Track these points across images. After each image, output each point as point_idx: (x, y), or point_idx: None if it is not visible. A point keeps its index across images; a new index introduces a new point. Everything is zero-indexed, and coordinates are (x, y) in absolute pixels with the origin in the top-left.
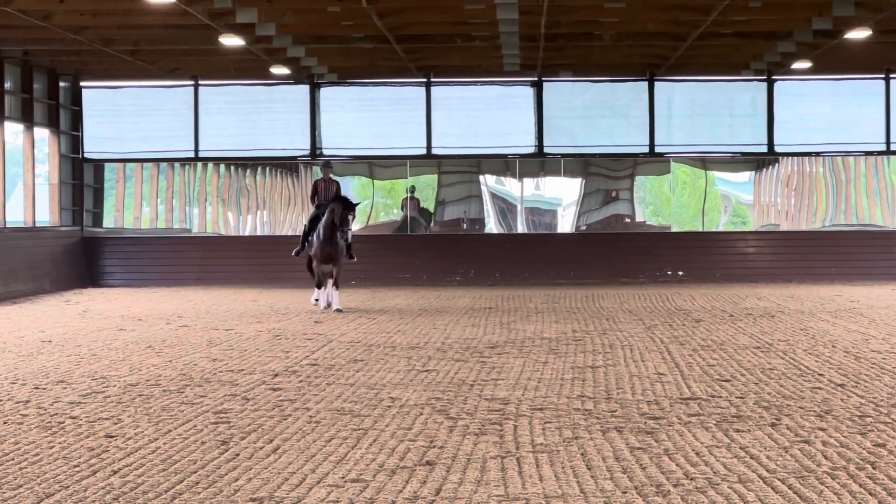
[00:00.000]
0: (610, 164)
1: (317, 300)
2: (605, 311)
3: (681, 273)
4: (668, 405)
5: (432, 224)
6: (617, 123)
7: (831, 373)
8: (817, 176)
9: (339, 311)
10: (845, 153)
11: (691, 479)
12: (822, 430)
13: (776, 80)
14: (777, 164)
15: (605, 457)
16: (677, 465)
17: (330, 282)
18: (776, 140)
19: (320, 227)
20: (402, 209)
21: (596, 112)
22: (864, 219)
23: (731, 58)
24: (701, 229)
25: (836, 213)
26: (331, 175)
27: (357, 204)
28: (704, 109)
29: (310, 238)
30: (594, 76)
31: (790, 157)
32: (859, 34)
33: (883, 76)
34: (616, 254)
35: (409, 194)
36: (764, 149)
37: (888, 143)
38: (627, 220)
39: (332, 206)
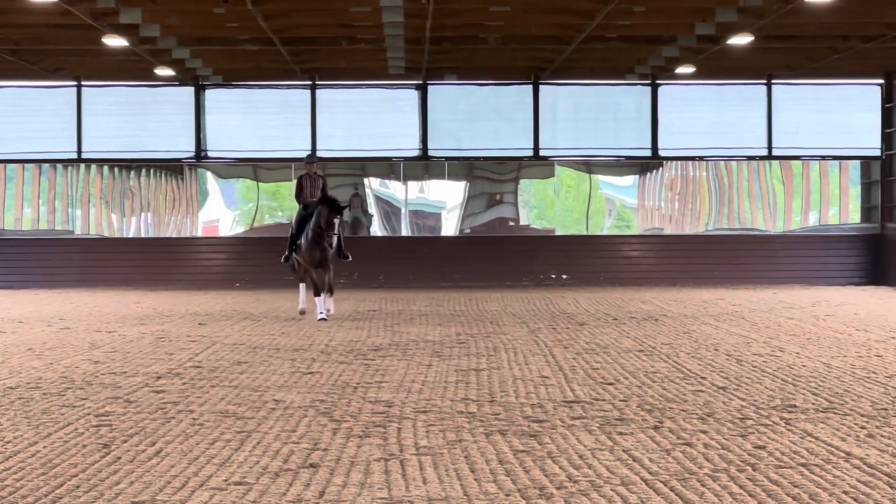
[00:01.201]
0: (494, 167)
1: (321, 312)
2: (489, 314)
3: (565, 276)
4: (551, 408)
5: (372, 226)
6: (501, 127)
7: (713, 376)
8: (700, 180)
9: (323, 318)
10: (728, 158)
11: (574, 481)
12: (704, 432)
13: (660, 84)
14: (661, 169)
15: (488, 459)
16: (560, 467)
17: (314, 295)
18: (660, 144)
19: (308, 230)
20: (350, 210)
21: (480, 115)
22: (746, 223)
23: (615, 62)
24: (585, 233)
25: (719, 217)
26: (316, 170)
27: (345, 207)
28: (589, 113)
29: (298, 242)
30: (479, 79)
31: (674, 162)
32: (742, 40)
33: (765, 82)
34: (500, 257)
35: (354, 192)
36: (648, 153)
37: (770, 148)
38: (512, 223)
39: (319, 209)
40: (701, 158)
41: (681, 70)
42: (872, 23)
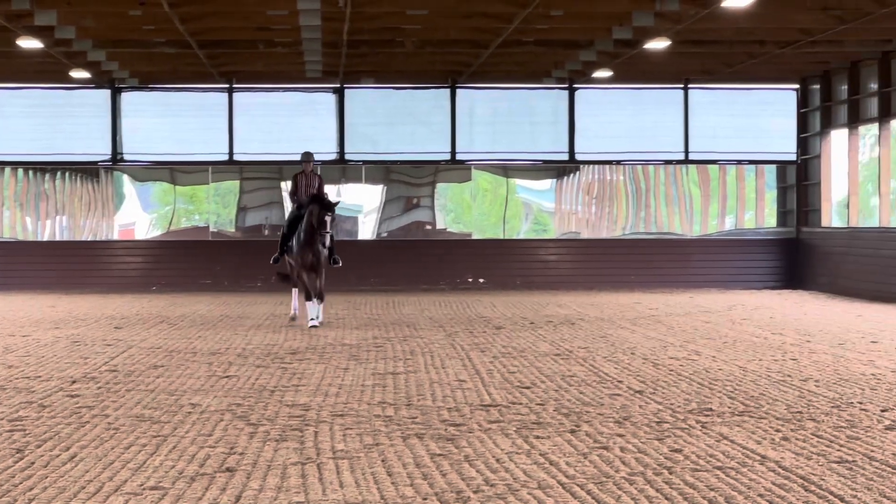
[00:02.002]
0: (411, 171)
1: (313, 318)
2: (405, 317)
3: (482, 280)
4: (468, 412)
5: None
6: (418, 130)
7: (630, 379)
8: (617, 184)
9: (314, 326)
10: (645, 162)
11: (491, 485)
12: (621, 436)
13: (577, 88)
14: (578, 172)
15: (405, 463)
16: (477, 471)
17: (306, 300)
18: (577, 148)
19: (300, 230)
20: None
21: (398, 119)
22: (662, 227)
23: (532, 66)
24: (502, 237)
25: (636, 221)
26: (313, 168)
27: (336, 203)
28: (506, 117)
29: (289, 243)
30: (396, 83)
31: (591, 165)
32: (659, 44)
33: (682, 86)
34: (417, 261)
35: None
36: (565, 157)
37: (686, 152)
38: (428, 227)
39: (310, 208)
40: (618, 162)
41: (598, 74)
42: (788, 28)
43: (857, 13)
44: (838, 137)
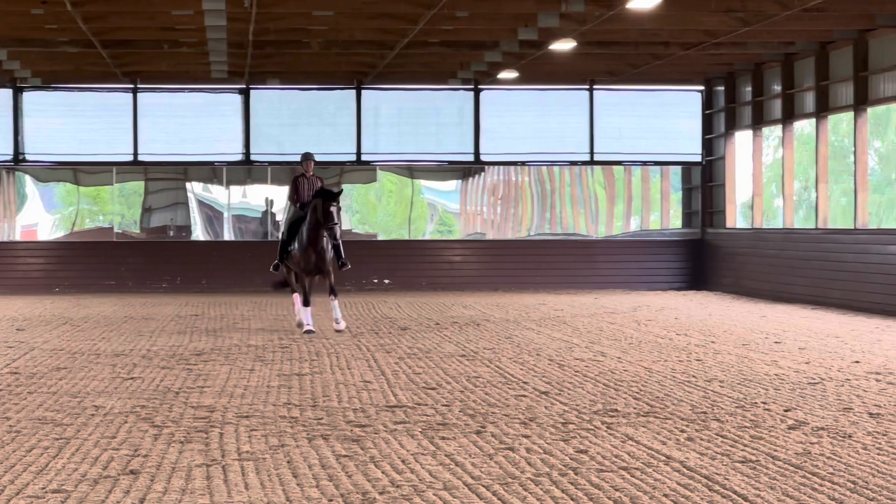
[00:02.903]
0: (317, 171)
1: (309, 325)
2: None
3: (387, 281)
4: (374, 413)
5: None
6: (324, 131)
7: (536, 380)
8: (523, 185)
9: (340, 330)
10: (550, 163)
11: (397, 486)
12: (526, 437)
13: (482, 89)
14: (483, 174)
15: (311, 464)
16: (383, 472)
17: (304, 305)
18: (482, 149)
19: (303, 230)
20: (265, 218)
21: (303, 120)
22: (567, 228)
23: (438, 67)
24: (407, 238)
25: (541, 222)
26: (312, 170)
27: (339, 192)
28: (411, 118)
29: (290, 248)
30: (302, 84)
31: (496, 166)
32: (564, 45)
33: (587, 87)
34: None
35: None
36: (470, 157)
37: (592, 153)
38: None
39: (313, 204)
40: (523, 163)
41: (503, 75)
42: (692, 30)
43: (760, 15)
44: (742, 139)
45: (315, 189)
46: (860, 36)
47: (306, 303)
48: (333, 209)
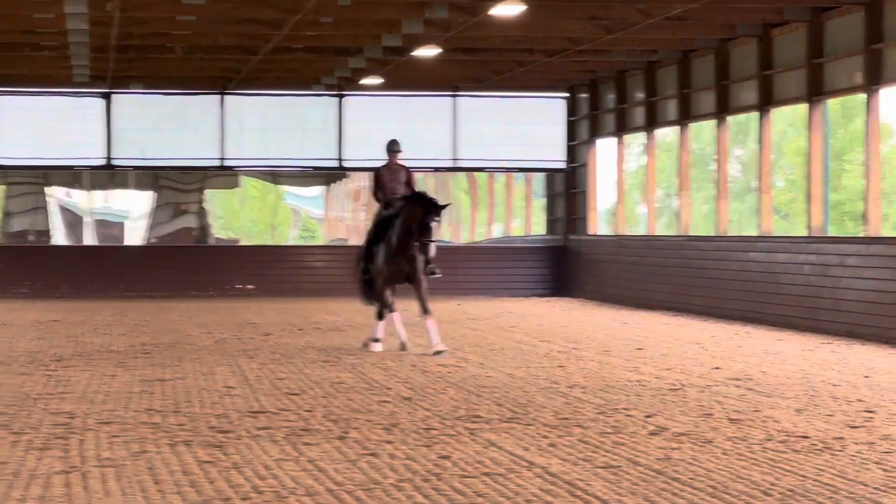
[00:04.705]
0: (180, 177)
1: (376, 340)
2: (174, 324)
3: (250, 287)
4: (236, 419)
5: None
6: (187, 137)
7: (399, 386)
8: None
9: (439, 352)
10: (414, 169)
11: (259, 492)
12: (389, 442)
13: (346, 95)
14: (347, 180)
15: (172, 471)
16: (246, 478)
17: (397, 316)
18: (346, 155)
19: (392, 235)
20: (205, 218)
21: (167, 125)
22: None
23: (302, 72)
24: (271, 243)
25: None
26: (399, 160)
27: (445, 206)
28: (275, 124)
29: (374, 249)
30: (165, 89)
31: (360, 173)
32: (428, 52)
33: (451, 94)
34: (186, 267)
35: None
36: (334, 164)
37: (455, 159)
38: (197, 232)
39: (408, 209)
40: None
41: (367, 81)
42: (556, 37)
43: (623, 23)
44: (605, 146)
45: (400, 181)
46: (721, 45)
47: (381, 315)
48: (434, 224)
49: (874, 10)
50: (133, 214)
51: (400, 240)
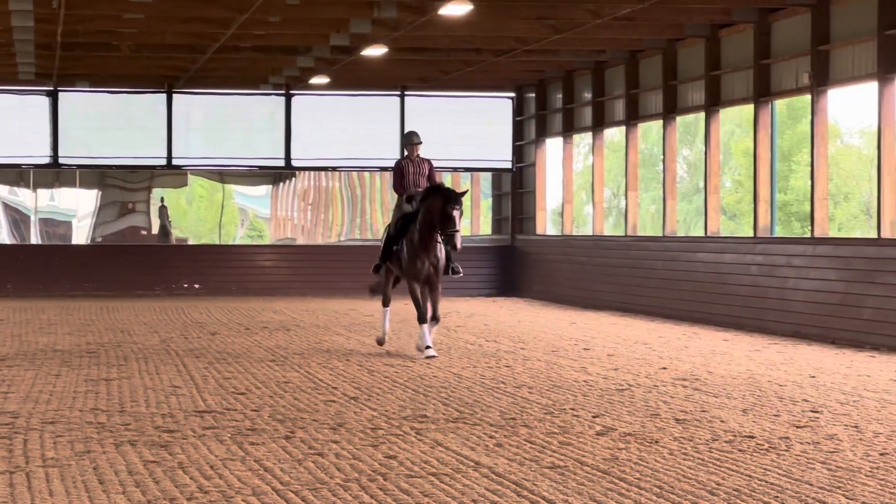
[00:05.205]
0: (127, 176)
1: (429, 347)
2: (120, 323)
3: (197, 286)
4: (182, 418)
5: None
6: (134, 135)
7: (345, 386)
8: (334, 190)
9: (433, 356)
10: (361, 168)
11: (205, 492)
12: (336, 442)
13: (294, 94)
14: (294, 179)
15: (117, 471)
16: (191, 478)
17: (389, 311)
18: (293, 154)
19: (413, 231)
20: (158, 218)
21: (113, 123)
22: (378, 233)
23: (249, 72)
24: (218, 242)
25: (352, 227)
26: (419, 152)
27: (464, 193)
28: (223, 123)
29: (396, 247)
30: (112, 87)
31: (307, 172)
32: (376, 51)
33: (399, 93)
34: (132, 266)
35: (161, 204)
36: (282, 163)
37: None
38: (144, 232)
39: (428, 203)
40: (334, 169)
41: (315, 80)
42: (504, 37)
43: (571, 23)
44: (553, 146)
45: (422, 174)
46: (669, 45)
47: (423, 318)
48: (456, 213)
49: (820, 12)
50: (80, 213)
51: (423, 234)
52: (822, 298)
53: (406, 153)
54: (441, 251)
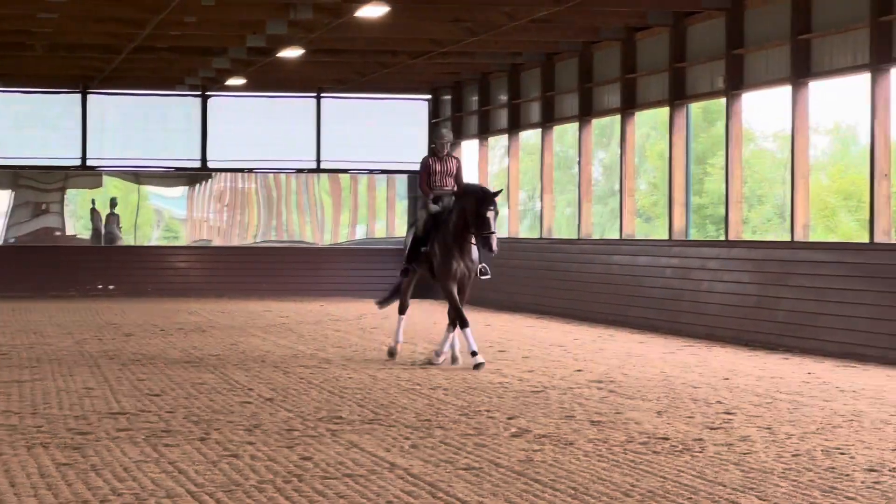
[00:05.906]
0: (40, 176)
1: (475, 353)
2: (33, 324)
3: (111, 287)
4: (96, 420)
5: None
6: (48, 136)
7: (261, 387)
8: (249, 192)
9: (480, 362)
10: (277, 170)
11: (119, 494)
12: (251, 444)
13: (210, 95)
14: (210, 180)
15: (29, 473)
16: (105, 480)
17: (405, 319)
18: (209, 155)
19: (445, 232)
20: (98, 221)
21: (27, 123)
22: (294, 235)
23: (165, 72)
24: (133, 243)
25: (268, 229)
26: (448, 149)
27: (497, 193)
28: (138, 123)
29: (425, 248)
30: (26, 87)
31: (223, 173)
32: (292, 53)
33: (315, 95)
34: (46, 267)
35: (110, 210)
36: (198, 164)
37: (318, 160)
38: (58, 233)
39: (462, 203)
40: (250, 170)
41: (231, 82)
42: (419, 39)
43: (487, 25)
44: (469, 148)
45: (450, 173)
46: (585, 48)
47: (462, 322)
48: (490, 214)
49: (735, 16)
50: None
51: (457, 235)
52: (737, 301)
53: (435, 150)
54: (475, 253)
